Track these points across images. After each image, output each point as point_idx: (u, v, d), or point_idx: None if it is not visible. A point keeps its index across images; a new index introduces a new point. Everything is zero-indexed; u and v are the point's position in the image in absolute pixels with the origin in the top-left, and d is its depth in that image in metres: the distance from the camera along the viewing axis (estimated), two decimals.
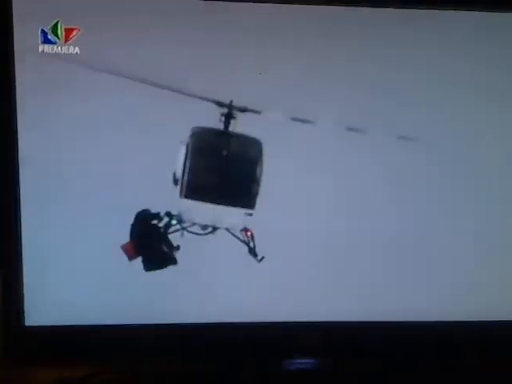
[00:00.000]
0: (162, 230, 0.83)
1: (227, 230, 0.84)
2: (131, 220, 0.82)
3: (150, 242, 0.84)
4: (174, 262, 0.84)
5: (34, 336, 0.82)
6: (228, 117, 0.82)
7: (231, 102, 0.81)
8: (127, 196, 0.82)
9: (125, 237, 0.83)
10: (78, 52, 0.76)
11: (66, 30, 0.75)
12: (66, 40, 0.75)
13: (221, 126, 0.82)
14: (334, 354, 0.87)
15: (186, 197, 0.81)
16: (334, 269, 0.87)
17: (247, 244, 0.85)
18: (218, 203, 0.81)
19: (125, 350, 0.82)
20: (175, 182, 0.83)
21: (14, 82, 0.76)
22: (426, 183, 0.87)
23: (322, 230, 0.86)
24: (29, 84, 0.77)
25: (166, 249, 0.84)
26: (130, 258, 0.83)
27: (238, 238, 0.85)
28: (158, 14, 0.79)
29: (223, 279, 0.85)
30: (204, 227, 0.84)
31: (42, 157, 0.80)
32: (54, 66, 0.77)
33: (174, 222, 0.83)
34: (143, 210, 0.82)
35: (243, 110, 0.82)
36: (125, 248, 0.83)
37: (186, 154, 0.81)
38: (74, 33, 0.75)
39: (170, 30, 0.79)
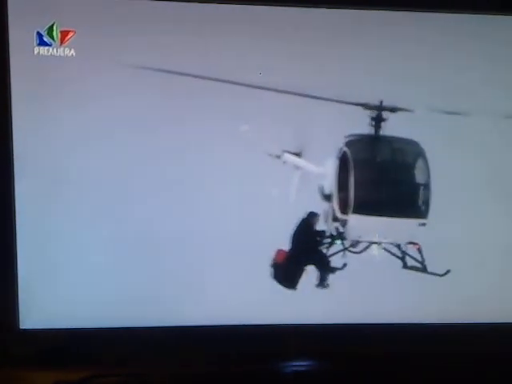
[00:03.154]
0: (324, 252, 0.76)
1: (390, 244, 0.76)
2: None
3: (304, 260, 0.77)
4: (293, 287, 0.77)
5: (29, 339, 0.79)
6: (378, 119, 0.74)
7: (381, 102, 0.73)
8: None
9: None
10: (74, 54, 0.73)
11: (61, 32, 0.73)
12: (62, 42, 0.73)
13: (371, 130, 0.75)
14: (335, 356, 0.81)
15: (355, 212, 0.73)
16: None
17: (403, 259, 0.77)
18: (390, 216, 0.73)
19: (122, 352, 0.79)
20: (326, 197, 0.75)
21: (10, 84, 0.73)
22: None
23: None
24: (25, 86, 0.73)
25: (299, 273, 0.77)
26: (276, 262, 0.77)
27: (394, 254, 0.77)
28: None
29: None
30: (357, 244, 0.76)
31: (39, 159, 0.75)
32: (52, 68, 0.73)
33: (337, 241, 0.75)
34: (310, 228, 0.75)
35: (393, 109, 0.74)
36: (279, 253, 0.76)
37: (344, 166, 0.73)
38: (70, 35, 0.73)
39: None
